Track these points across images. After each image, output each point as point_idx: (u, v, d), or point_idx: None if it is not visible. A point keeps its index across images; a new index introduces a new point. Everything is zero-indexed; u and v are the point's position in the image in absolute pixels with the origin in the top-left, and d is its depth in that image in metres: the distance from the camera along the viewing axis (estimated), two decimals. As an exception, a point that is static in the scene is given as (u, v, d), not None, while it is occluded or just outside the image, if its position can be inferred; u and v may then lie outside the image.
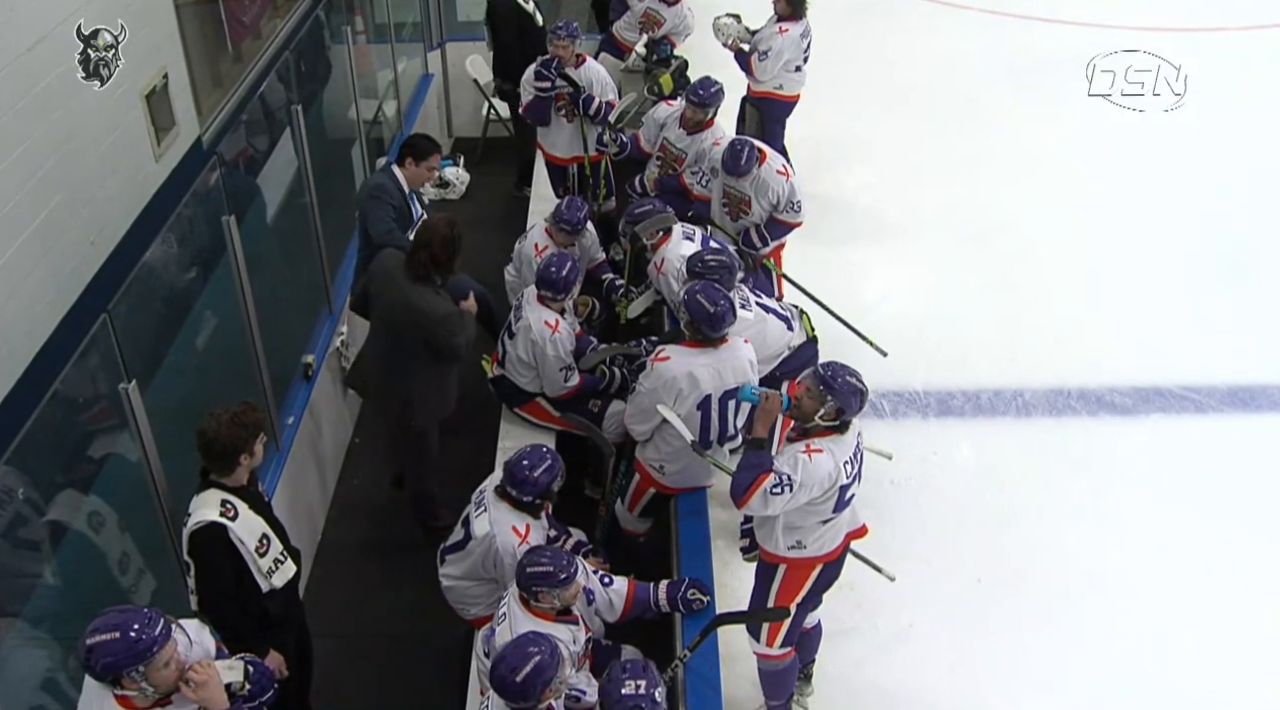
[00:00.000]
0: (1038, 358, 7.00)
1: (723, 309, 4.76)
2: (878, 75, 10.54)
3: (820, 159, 9.08)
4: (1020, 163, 9.24)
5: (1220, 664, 5.22)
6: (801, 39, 7.83)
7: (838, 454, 4.16)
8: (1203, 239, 8.33)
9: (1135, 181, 9.00)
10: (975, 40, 11.49)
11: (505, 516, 4.44)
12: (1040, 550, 5.73)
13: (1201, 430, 6.71)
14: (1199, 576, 5.66)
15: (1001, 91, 10.38)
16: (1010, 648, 5.27)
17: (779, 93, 7.98)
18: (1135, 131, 9.68)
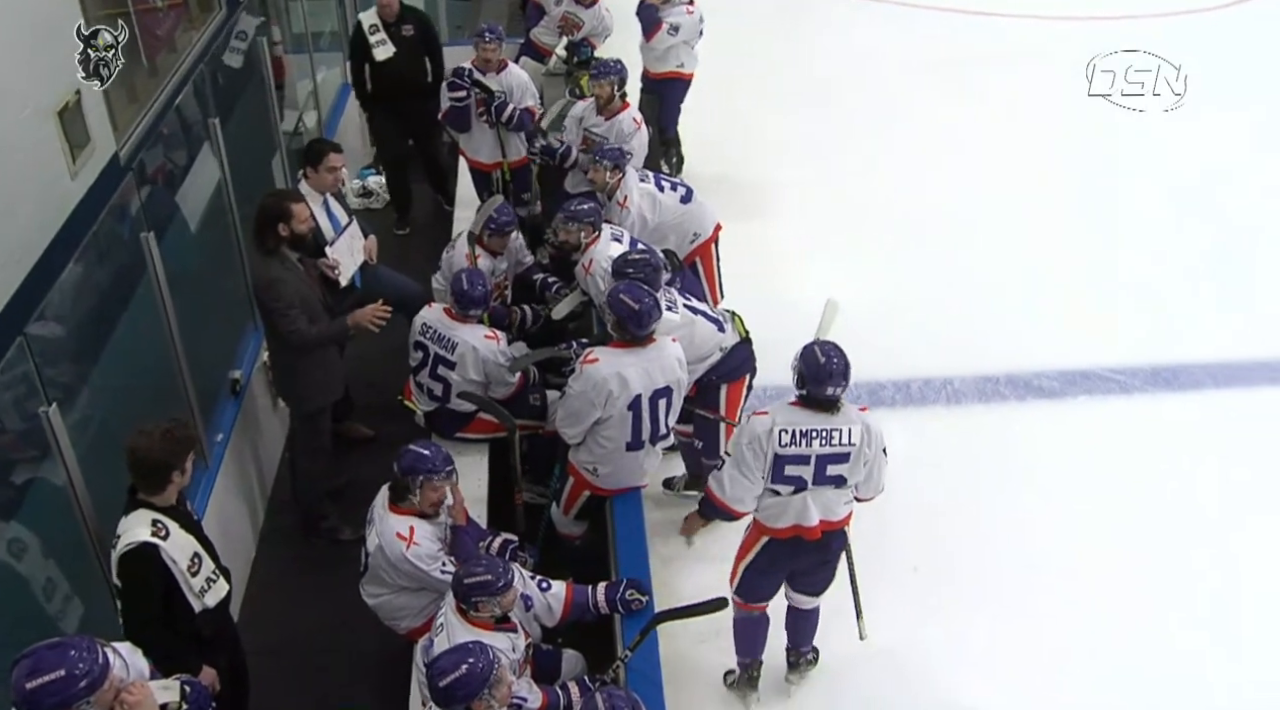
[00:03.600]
0: (966, 345, 7.12)
1: (647, 306, 4.77)
2: (799, 72, 10.66)
3: (746, 157, 9.16)
4: (941, 154, 9.38)
5: (1155, 636, 5.35)
6: (699, 23, 8.22)
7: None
8: (1121, 224, 8.52)
9: (1054, 169, 9.19)
10: (893, 34, 11.63)
11: (389, 525, 4.43)
12: (974, 536, 5.84)
13: (1127, 410, 6.86)
14: (1129, 553, 5.80)
15: (922, 83, 10.53)
16: (950, 633, 5.36)
17: (681, 71, 8.30)
18: (1053, 120, 9.87)
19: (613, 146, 6.46)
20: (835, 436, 4.32)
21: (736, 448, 4.43)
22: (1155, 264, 8.07)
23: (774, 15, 11.93)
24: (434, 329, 5.40)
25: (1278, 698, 5.11)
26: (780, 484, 4.39)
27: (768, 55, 11.05)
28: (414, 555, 4.39)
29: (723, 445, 5.58)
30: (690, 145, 8.87)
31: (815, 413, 4.32)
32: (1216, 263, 8.14)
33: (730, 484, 4.45)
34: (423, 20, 7.99)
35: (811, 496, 4.42)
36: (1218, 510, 6.08)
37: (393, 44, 7.72)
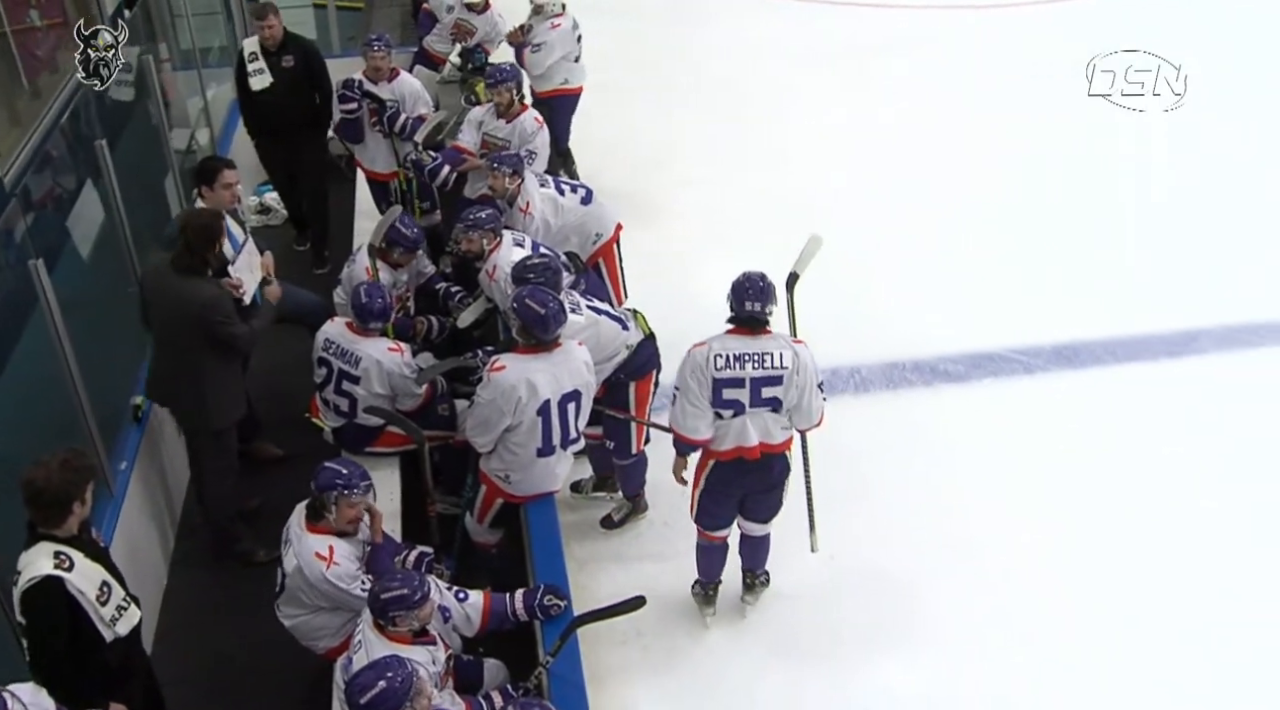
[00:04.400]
0: (871, 333, 7.22)
1: (553, 310, 4.77)
2: (693, 70, 10.71)
3: (642, 158, 9.19)
4: (837, 145, 9.49)
5: (1067, 609, 5.47)
6: (573, 31, 8.08)
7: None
8: (1017, 206, 8.70)
9: (948, 155, 9.34)
10: (787, 28, 11.74)
11: (307, 544, 4.38)
12: (887, 521, 5.93)
13: (1032, 390, 7.00)
14: (1044, 529, 5.93)
15: (816, 75, 10.63)
16: (867, 618, 5.44)
17: (566, 87, 8.20)
18: (947, 107, 10.03)
19: (511, 153, 6.44)
20: (767, 359, 4.72)
21: (681, 380, 4.81)
22: (1049, 244, 8.25)
23: (667, 14, 11.98)
24: (337, 344, 5.34)
25: (1191, 657, 5.23)
26: (720, 408, 4.76)
27: (663, 54, 11.10)
28: (334, 575, 4.34)
29: (634, 443, 5.61)
30: (591, 146, 8.85)
31: (746, 337, 4.75)
32: (1107, 240, 8.33)
33: (682, 416, 4.83)
34: (308, 51, 7.61)
35: (750, 419, 4.79)
36: (1127, 481, 6.22)
37: (270, 74, 7.37)
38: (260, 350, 5.91)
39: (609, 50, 9.40)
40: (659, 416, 5.91)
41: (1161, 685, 5.11)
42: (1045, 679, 5.15)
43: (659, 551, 5.76)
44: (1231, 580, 5.63)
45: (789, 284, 5.33)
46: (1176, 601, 5.51)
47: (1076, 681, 5.13)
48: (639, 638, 5.27)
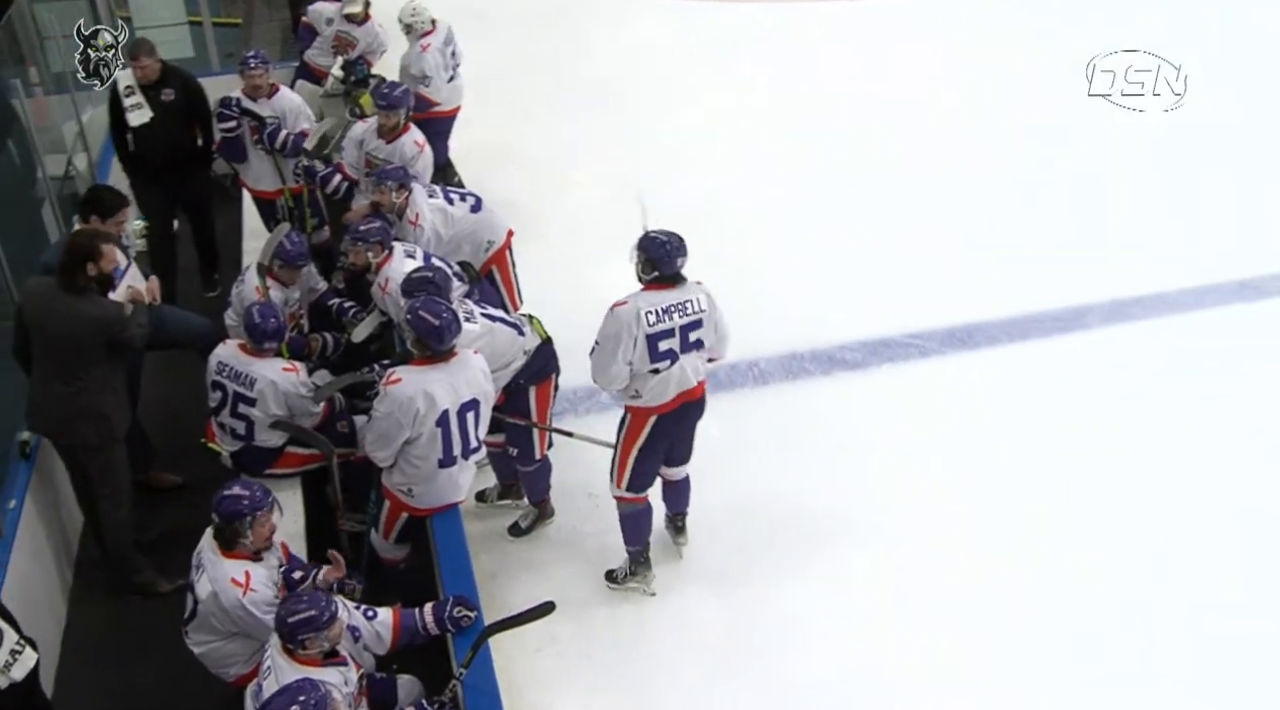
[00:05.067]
0: (768, 326, 7.24)
1: (446, 321, 4.74)
2: (576, 72, 10.72)
3: (531, 162, 9.18)
4: (723, 140, 9.56)
5: (978, 584, 5.57)
6: (445, 47, 7.97)
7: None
8: (904, 193, 8.84)
9: (833, 146, 9.46)
10: (668, 27, 11.80)
11: (223, 570, 4.29)
12: (792, 512, 5.97)
13: (928, 373, 7.11)
14: (949, 511, 6.02)
15: (697, 75, 10.69)
16: (781, 606, 5.46)
17: (439, 110, 8.05)
18: (827, 98, 10.18)
19: (396, 166, 6.38)
20: (689, 306, 5.08)
21: (602, 337, 5.04)
22: (939, 229, 8.39)
23: (547, 18, 11.97)
24: (230, 366, 5.25)
25: (1086, 633, 5.35)
26: (659, 362, 5.05)
27: (546, 57, 11.08)
28: (250, 601, 4.25)
29: (537, 449, 5.60)
30: (477, 154, 8.82)
31: (667, 290, 5.05)
32: (995, 222, 8.52)
33: (600, 371, 5.10)
34: (188, 84, 7.27)
35: (684, 362, 5.10)
36: (1027, 456, 6.36)
37: (150, 108, 7.00)
38: (151, 378, 5.79)
39: (491, 57, 9.38)
40: (560, 421, 5.94)
41: (1077, 654, 5.24)
42: (961, 655, 5.22)
43: (568, 556, 5.76)
44: (1128, 543, 5.80)
45: None
46: (1086, 569, 5.64)
47: (994, 654, 5.23)
48: (553, 644, 5.25)
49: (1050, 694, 5.05)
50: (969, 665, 5.18)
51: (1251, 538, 5.88)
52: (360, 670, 4.17)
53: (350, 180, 6.89)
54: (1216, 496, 6.12)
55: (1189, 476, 6.24)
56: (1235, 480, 6.23)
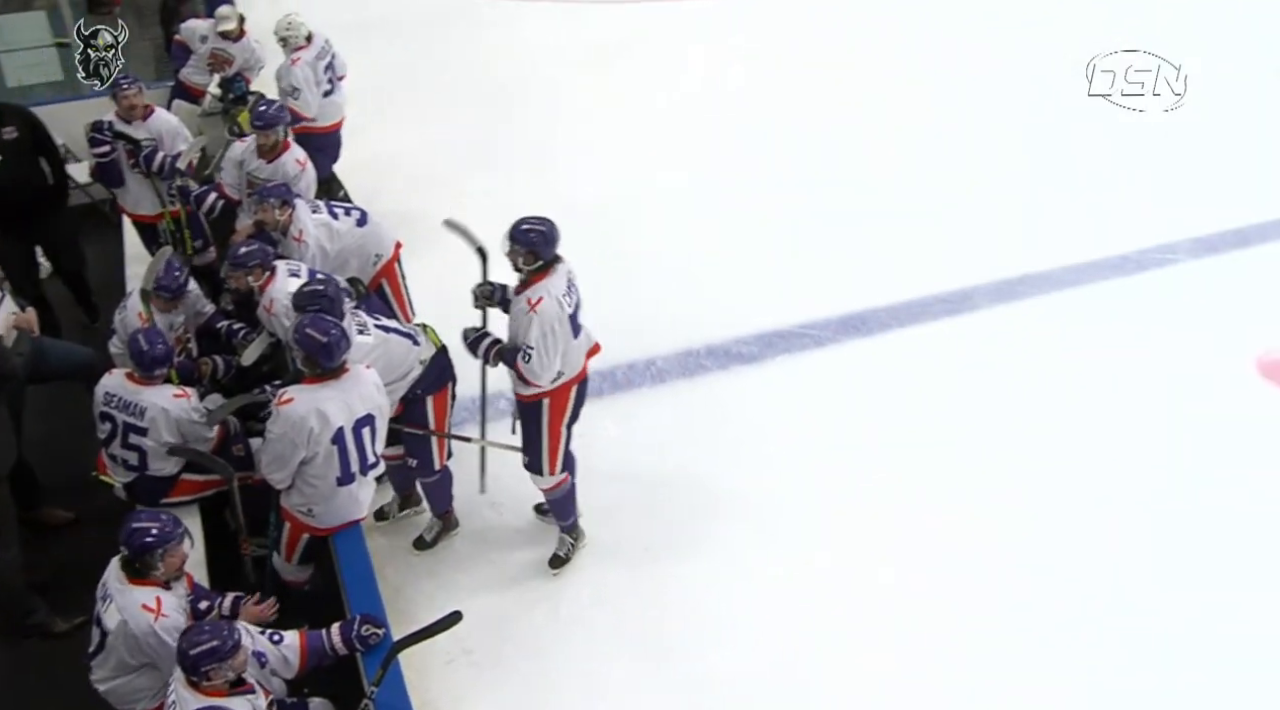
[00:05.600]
0: (664, 324, 7.30)
1: (335, 337, 4.69)
2: (463, 79, 10.68)
3: (419, 173, 9.12)
4: (614, 142, 9.57)
5: (879, 568, 5.63)
6: (318, 61, 7.80)
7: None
8: (792, 185, 8.92)
9: (721, 143, 9.53)
10: (555, 30, 11.80)
11: (132, 598, 4.20)
12: (695, 508, 6.00)
13: (824, 362, 7.18)
14: (848, 498, 6.08)
15: (585, 77, 10.71)
16: (691, 604, 5.48)
17: (314, 126, 7.87)
18: (713, 95, 10.25)
19: (278, 183, 6.29)
20: (572, 278, 5.30)
21: (539, 338, 5.06)
22: (827, 219, 8.49)
23: (431, 25, 11.91)
24: (118, 396, 5.14)
25: (988, 614, 5.45)
26: (577, 336, 5.29)
27: (432, 65, 11.01)
28: (162, 628, 4.15)
29: (437, 460, 5.56)
30: (364, 166, 8.73)
31: (556, 271, 5.19)
32: (880, 209, 8.64)
33: (544, 370, 5.14)
34: (28, 119, 6.97)
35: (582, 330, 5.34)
36: (924, 439, 6.45)
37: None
38: (36, 413, 5.65)
39: (375, 68, 9.29)
40: (461, 429, 5.91)
41: (982, 638, 5.31)
42: (869, 642, 5.28)
43: (474, 566, 5.72)
44: (1028, 521, 5.92)
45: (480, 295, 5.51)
46: (987, 550, 5.75)
47: (897, 642, 5.29)
48: (466, 655, 5.23)
49: (959, 680, 5.11)
50: (878, 652, 5.24)
51: (1148, 509, 6.04)
52: (269, 696, 4.11)
53: (230, 200, 6.77)
54: (1115, 470, 6.27)
55: (1083, 452, 6.39)
56: (1129, 453, 6.40)
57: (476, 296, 5.49)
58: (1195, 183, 9.16)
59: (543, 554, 5.73)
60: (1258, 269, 8.24)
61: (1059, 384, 6.89)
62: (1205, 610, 5.42)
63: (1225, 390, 6.92)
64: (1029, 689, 5.06)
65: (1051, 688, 5.06)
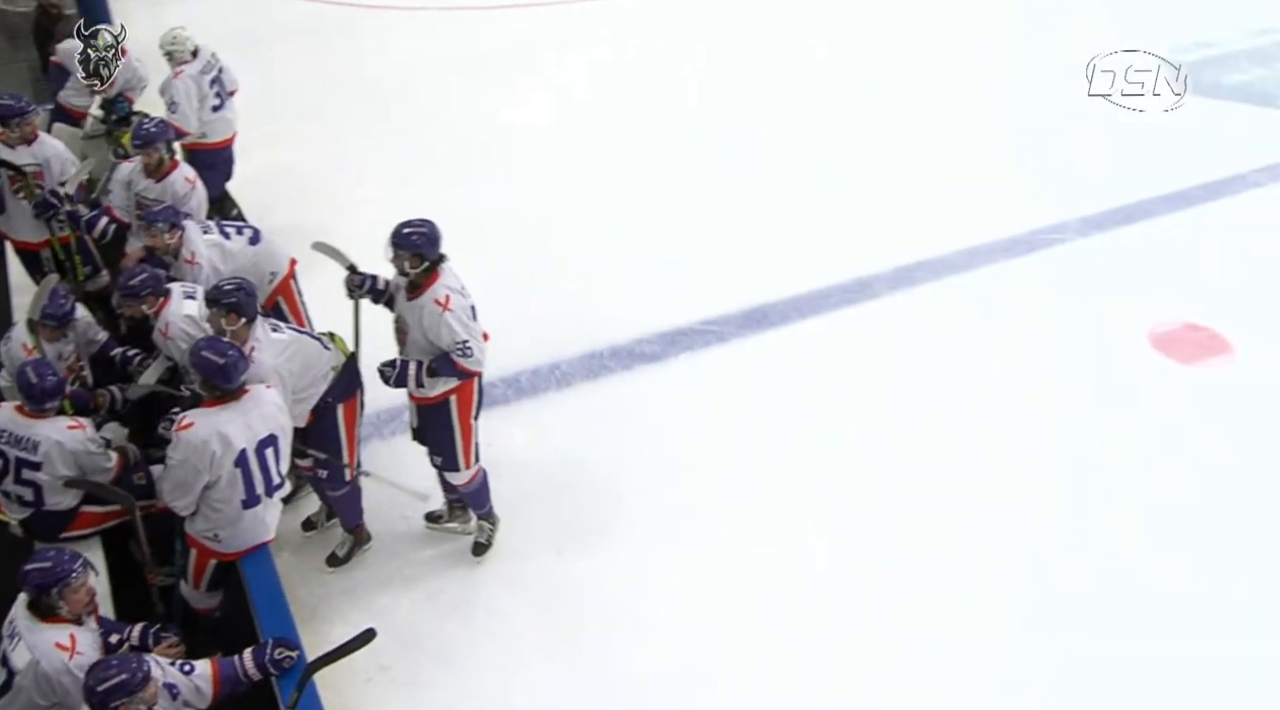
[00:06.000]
0: (567, 328, 7.33)
1: (233, 358, 4.63)
2: (350, 90, 10.61)
3: (313, 186, 9.04)
4: (504, 147, 9.58)
5: (784, 569, 5.69)
6: (202, 76, 7.68)
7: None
8: (690, 183, 9.02)
9: (608, 146, 9.61)
10: (438, 37, 11.76)
11: (44, 636, 4.10)
12: (610, 509, 6.03)
13: (727, 357, 7.25)
14: (754, 492, 6.15)
15: (474, 82, 10.70)
16: (603, 605, 5.51)
17: (204, 142, 7.78)
18: (604, 97, 10.31)
19: (165, 206, 6.18)
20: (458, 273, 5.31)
21: (462, 325, 5.14)
22: (723, 215, 8.59)
23: (318, 38, 11.81)
24: (8, 432, 5.00)
25: (901, 606, 5.52)
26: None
27: (320, 78, 10.93)
28: (77, 666, 4.02)
29: (346, 472, 5.52)
30: (256, 182, 8.61)
31: (444, 270, 5.26)
32: (778, 204, 8.79)
33: (481, 355, 5.26)
34: None
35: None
36: (830, 431, 6.56)
37: None
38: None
39: (264, 82, 9.20)
40: (367, 446, 5.88)
41: (890, 630, 5.40)
42: (781, 639, 5.34)
43: (388, 580, 5.68)
44: (937, 505, 6.04)
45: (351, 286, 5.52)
46: (895, 538, 5.85)
47: (810, 636, 5.36)
48: (383, 671, 5.19)
49: (867, 672, 5.19)
50: (792, 647, 5.30)
51: (1054, 481, 6.23)
52: (184, 727, 4.05)
53: (120, 223, 6.64)
54: (1018, 447, 6.46)
55: (986, 431, 6.56)
56: (1031, 429, 6.60)
57: (349, 288, 5.50)
58: (1081, 163, 9.44)
59: (455, 562, 5.74)
60: (1143, 244, 8.53)
61: (959, 366, 7.07)
62: (1116, 574, 5.63)
63: (1121, 363, 7.16)
64: (937, 675, 5.16)
65: (959, 674, 5.17)
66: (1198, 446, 6.47)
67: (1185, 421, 6.69)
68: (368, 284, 5.47)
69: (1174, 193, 9.16)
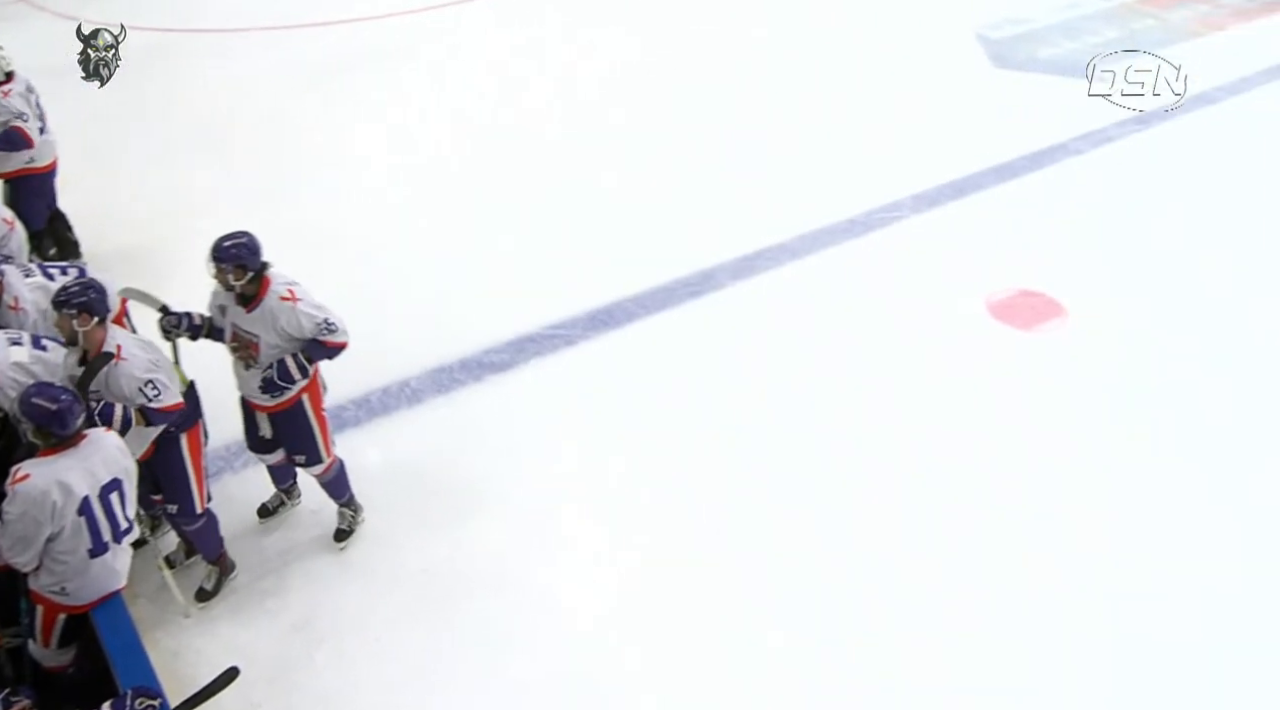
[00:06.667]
0: (414, 344, 7.25)
1: (66, 403, 4.48)
2: (181, 116, 10.34)
3: (146, 215, 8.79)
4: (342, 164, 9.45)
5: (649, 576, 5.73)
6: (29, 94, 7.38)
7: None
8: (518, 189, 8.99)
9: (439, 157, 9.57)
10: (267, 58, 11.52)
11: None
12: (472, 522, 6.01)
13: (577, 359, 7.25)
14: (615, 495, 6.20)
15: (308, 101, 10.53)
16: (468, 623, 5.47)
17: (32, 167, 7.49)
18: (431, 110, 10.27)
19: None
20: None
21: (315, 306, 5.28)
22: (562, 217, 8.62)
23: (141, 62, 11.43)
24: None
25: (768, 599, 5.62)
26: None
27: (148, 105, 10.57)
28: None
29: (198, 503, 5.40)
30: (86, 214, 8.27)
31: (273, 275, 5.29)
32: (613, 203, 8.84)
33: (345, 324, 5.39)
34: None
35: None
36: (684, 426, 6.63)
37: None
38: None
39: (82, 112, 8.87)
40: (217, 481, 5.76)
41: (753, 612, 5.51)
42: (655, 641, 5.39)
43: (250, 613, 5.55)
44: (793, 492, 6.16)
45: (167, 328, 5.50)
46: (758, 532, 5.94)
47: (684, 635, 5.42)
48: (254, 709, 5.07)
49: (743, 671, 5.25)
50: (668, 649, 5.36)
51: (908, 453, 6.42)
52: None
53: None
54: (872, 423, 6.63)
55: (840, 411, 6.72)
56: (883, 404, 6.77)
57: (165, 330, 5.46)
58: (909, 142, 9.68)
59: (320, 587, 5.65)
60: (975, 216, 8.80)
61: (806, 349, 7.22)
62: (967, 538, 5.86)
63: (964, 333, 7.41)
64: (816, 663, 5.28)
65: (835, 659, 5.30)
66: (1043, 406, 6.76)
67: (1030, 384, 6.95)
68: (184, 323, 5.44)
69: (1001, 165, 9.45)
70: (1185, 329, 7.42)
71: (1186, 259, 8.16)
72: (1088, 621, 5.40)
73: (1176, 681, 5.13)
